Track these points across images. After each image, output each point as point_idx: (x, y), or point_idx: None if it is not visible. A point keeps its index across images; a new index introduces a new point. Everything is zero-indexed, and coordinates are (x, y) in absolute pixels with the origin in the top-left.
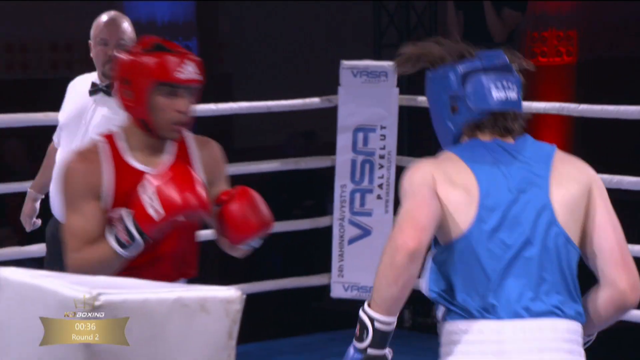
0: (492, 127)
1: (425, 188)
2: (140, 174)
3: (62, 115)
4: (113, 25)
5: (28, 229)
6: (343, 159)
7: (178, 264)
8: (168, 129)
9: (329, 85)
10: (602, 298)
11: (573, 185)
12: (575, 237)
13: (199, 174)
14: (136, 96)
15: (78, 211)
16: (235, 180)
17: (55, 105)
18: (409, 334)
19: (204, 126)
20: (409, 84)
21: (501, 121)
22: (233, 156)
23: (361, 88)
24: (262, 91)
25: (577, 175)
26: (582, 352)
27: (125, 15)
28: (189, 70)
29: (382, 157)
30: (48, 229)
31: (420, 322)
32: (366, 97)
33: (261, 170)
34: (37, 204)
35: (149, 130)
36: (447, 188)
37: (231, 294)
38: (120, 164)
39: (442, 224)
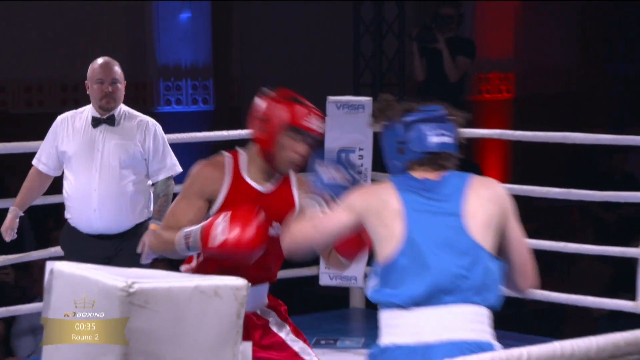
0: (429, 165)
1: (346, 213)
2: (250, 188)
3: (70, 147)
4: (107, 67)
5: (8, 239)
6: None
7: (261, 270)
8: (285, 165)
9: None
10: (509, 289)
11: (489, 206)
12: (491, 247)
13: (296, 199)
14: (268, 133)
15: (187, 201)
16: None
17: None
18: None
19: (220, 148)
20: None
21: (437, 160)
22: None
23: (343, 118)
24: None
25: (493, 197)
26: (489, 330)
27: (115, 60)
28: (314, 122)
29: (359, 173)
30: (66, 238)
31: None
32: (347, 125)
33: None
34: (17, 220)
35: (268, 160)
36: (380, 213)
37: (239, 282)
38: (237, 177)
39: (377, 245)
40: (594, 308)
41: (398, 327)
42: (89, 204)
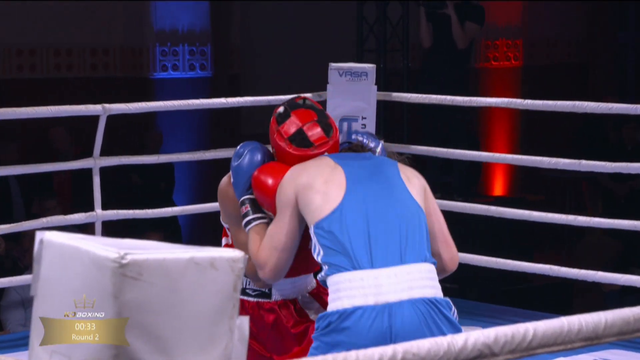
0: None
1: (289, 209)
2: None
3: None
4: None
5: None
6: None
7: (303, 263)
8: None
9: (320, 82)
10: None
11: (416, 180)
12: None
13: None
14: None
15: None
16: None
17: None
18: None
19: (218, 116)
20: (385, 83)
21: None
22: (240, 140)
23: (346, 85)
24: (264, 88)
25: (416, 176)
26: (439, 286)
27: None
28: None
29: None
30: None
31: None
32: (350, 92)
33: None
34: None
35: None
36: (313, 183)
37: (236, 254)
38: None
39: (309, 212)
40: (603, 283)
41: (356, 289)
42: None
